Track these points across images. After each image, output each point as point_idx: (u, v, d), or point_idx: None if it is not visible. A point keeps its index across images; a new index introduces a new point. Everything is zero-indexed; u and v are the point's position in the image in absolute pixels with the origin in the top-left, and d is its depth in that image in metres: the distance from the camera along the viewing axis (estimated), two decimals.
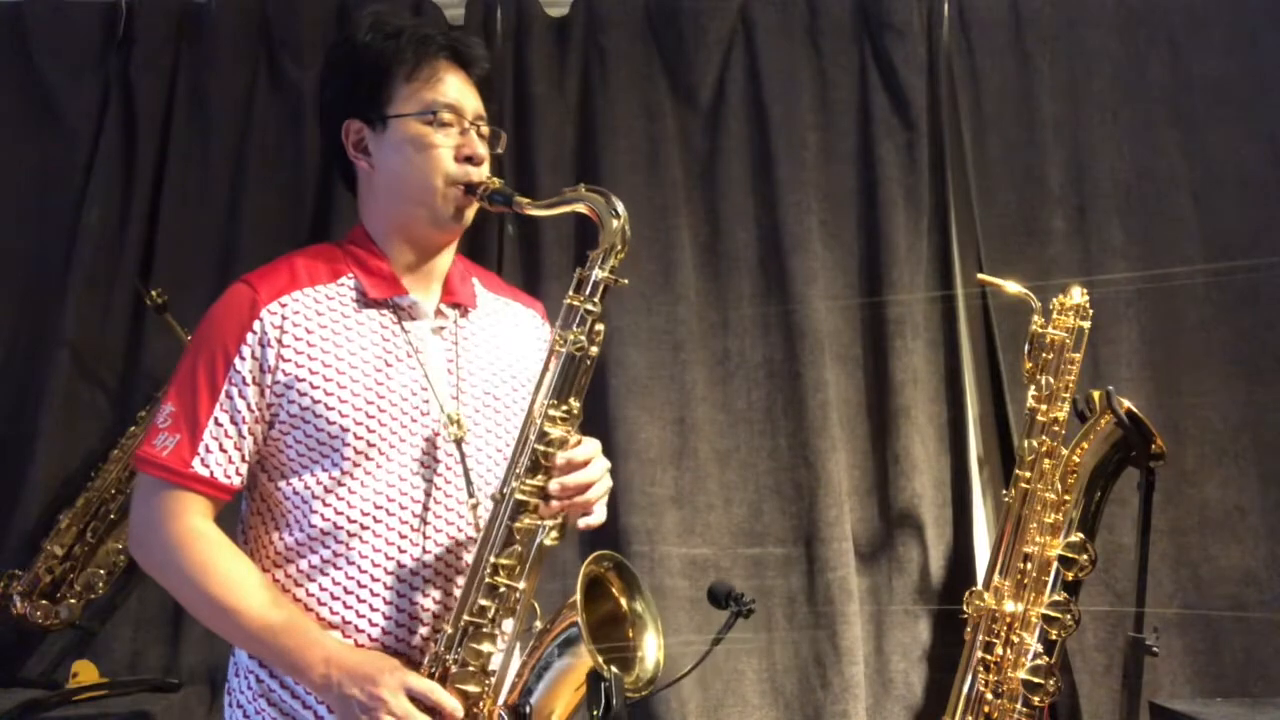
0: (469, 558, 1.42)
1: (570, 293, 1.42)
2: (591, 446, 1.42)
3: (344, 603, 1.40)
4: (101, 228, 2.60)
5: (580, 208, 1.45)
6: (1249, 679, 2.46)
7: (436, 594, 1.43)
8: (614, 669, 1.30)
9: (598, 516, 1.45)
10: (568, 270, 2.60)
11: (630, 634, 1.42)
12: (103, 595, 2.43)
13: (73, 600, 2.38)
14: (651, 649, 1.42)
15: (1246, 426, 2.56)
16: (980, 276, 2.37)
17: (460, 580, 1.42)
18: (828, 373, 2.59)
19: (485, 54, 1.57)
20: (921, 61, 2.72)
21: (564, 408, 1.39)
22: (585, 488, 1.39)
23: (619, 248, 1.42)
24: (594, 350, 1.41)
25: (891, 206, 2.66)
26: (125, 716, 2.23)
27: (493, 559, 1.36)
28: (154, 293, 2.46)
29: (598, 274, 1.42)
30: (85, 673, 2.35)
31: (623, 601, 1.44)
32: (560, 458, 1.37)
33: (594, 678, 1.30)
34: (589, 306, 1.41)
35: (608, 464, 1.44)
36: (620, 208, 1.43)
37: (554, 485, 1.37)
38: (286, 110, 2.70)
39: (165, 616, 2.49)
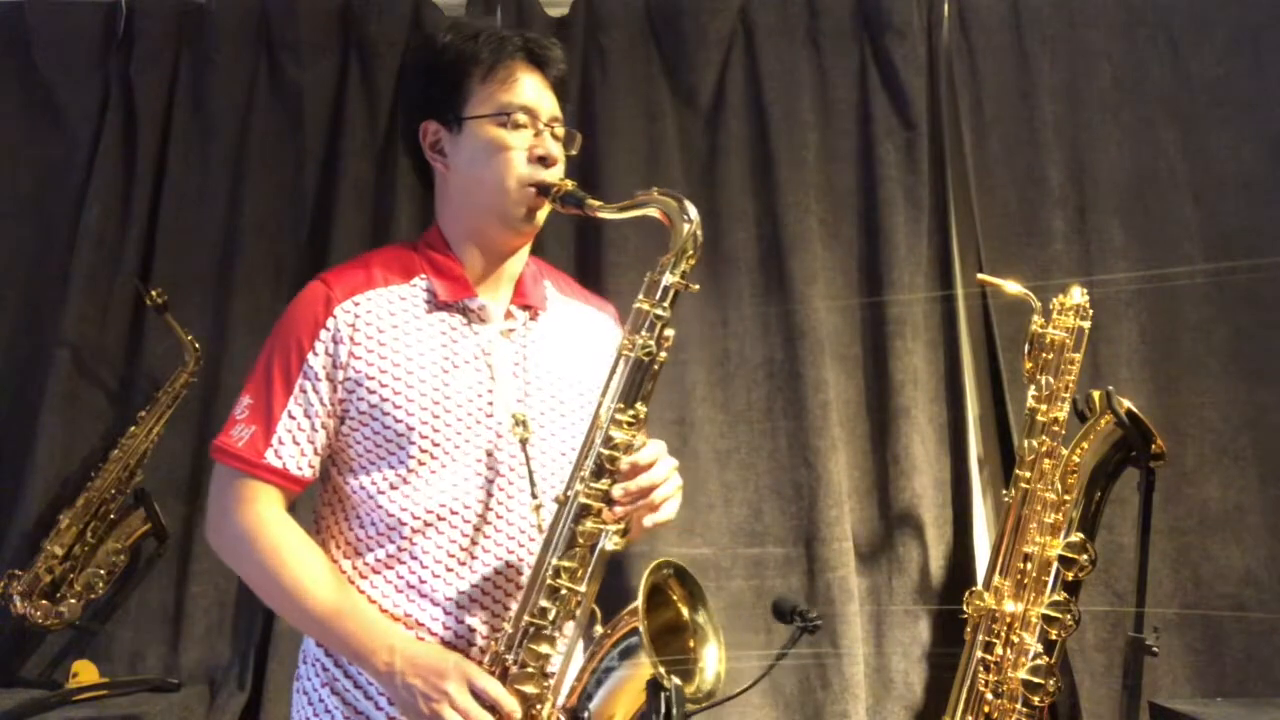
0: (530, 559, 1.41)
1: (641, 297, 1.41)
2: (656, 448, 1.40)
3: (406, 596, 1.41)
4: (101, 228, 2.60)
5: (652, 211, 1.44)
6: (1249, 679, 2.46)
7: (497, 594, 1.43)
8: (675, 679, 1.27)
9: (665, 513, 1.41)
10: (564, 265, 2.61)
11: (691, 644, 1.40)
12: (103, 595, 2.43)
13: (73, 600, 2.38)
14: (712, 661, 1.39)
15: (1246, 426, 2.56)
16: (980, 276, 2.37)
17: (521, 581, 1.42)
18: (828, 373, 2.59)
19: (561, 55, 1.57)
20: (921, 61, 2.72)
21: (630, 412, 1.38)
22: (650, 490, 1.37)
23: (690, 252, 1.40)
24: (662, 355, 1.40)
25: (891, 206, 2.66)
26: (125, 716, 2.23)
27: (555, 561, 1.35)
28: (154, 293, 2.47)
29: (669, 279, 1.40)
30: (85, 673, 2.35)
31: (684, 610, 1.42)
32: (624, 462, 1.36)
33: (654, 686, 1.27)
34: (659, 311, 1.40)
35: (674, 462, 1.42)
36: (693, 212, 1.41)
37: (618, 490, 1.35)
38: (286, 110, 2.70)
39: (165, 616, 2.49)
